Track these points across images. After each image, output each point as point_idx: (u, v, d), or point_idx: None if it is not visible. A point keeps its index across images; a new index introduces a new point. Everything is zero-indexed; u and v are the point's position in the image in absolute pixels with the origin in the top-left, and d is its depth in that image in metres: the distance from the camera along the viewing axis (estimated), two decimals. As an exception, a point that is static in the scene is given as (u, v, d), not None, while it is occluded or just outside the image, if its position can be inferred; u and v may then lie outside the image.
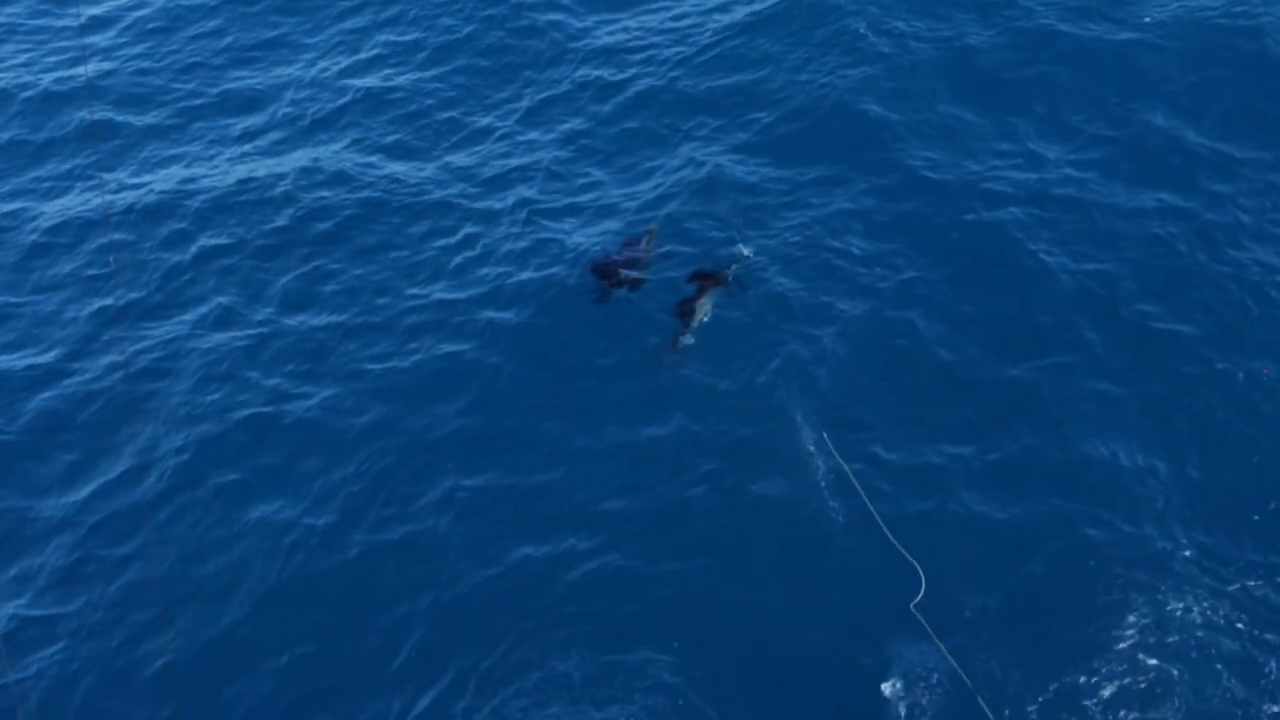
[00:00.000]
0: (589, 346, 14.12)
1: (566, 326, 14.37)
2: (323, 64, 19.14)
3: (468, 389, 13.84)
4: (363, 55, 19.14)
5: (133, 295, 15.44)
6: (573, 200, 16.11)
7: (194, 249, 16.01)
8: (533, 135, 17.19)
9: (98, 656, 11.84)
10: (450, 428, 13.44)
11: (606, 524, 12.44)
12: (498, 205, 16.15)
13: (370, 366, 14.19)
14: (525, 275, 15.04)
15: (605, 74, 17.99)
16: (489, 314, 14.63)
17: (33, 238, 16.57)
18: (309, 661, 11.62)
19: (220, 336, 14.78)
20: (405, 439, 13.38)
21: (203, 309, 15.16)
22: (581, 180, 16.39)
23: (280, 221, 16.27)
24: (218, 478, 13.19)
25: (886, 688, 10.93)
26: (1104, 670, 10.96)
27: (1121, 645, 11.12)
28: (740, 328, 14.10)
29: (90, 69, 19.13)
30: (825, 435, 12.82)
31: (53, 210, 16.99)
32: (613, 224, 15.53)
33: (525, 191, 16.26)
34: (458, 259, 15.44)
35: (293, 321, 14.91)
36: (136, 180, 17.34)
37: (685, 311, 14.12)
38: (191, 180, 17.14)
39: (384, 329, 14.66)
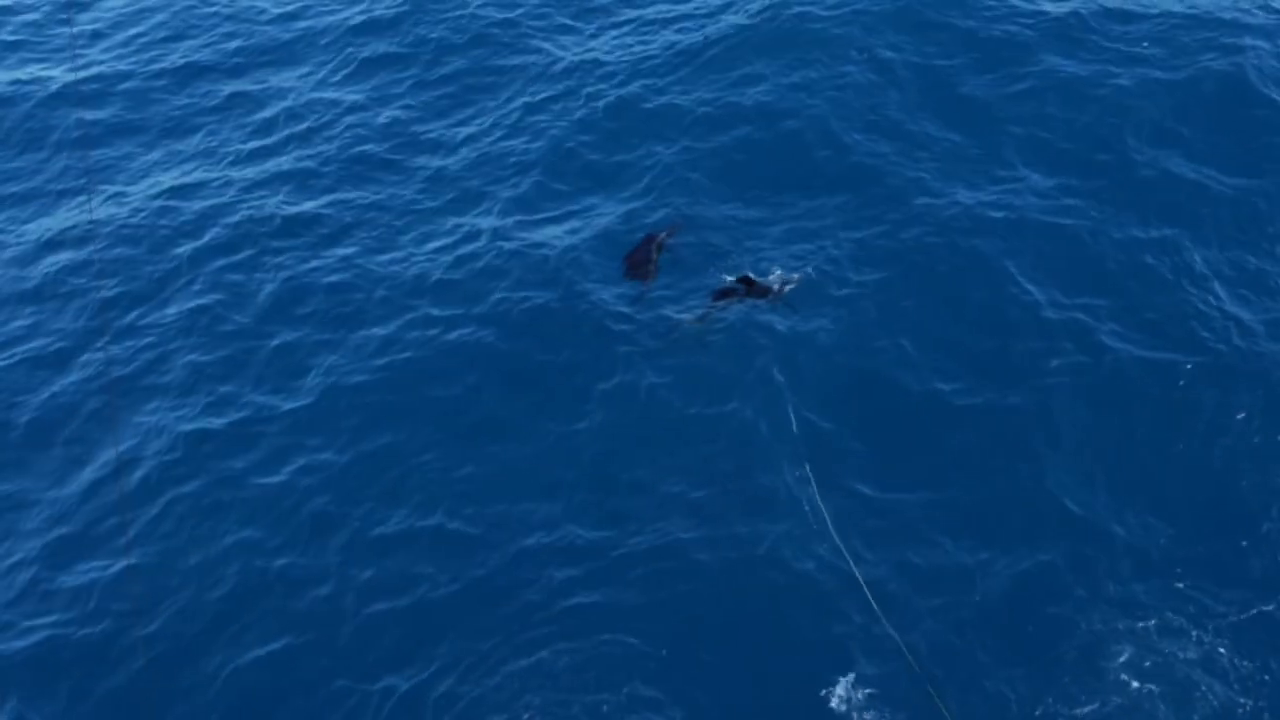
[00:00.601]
0: (572, 363, 14.11)
1: (550, 342, 14.37)
2: (317, 77, 19.29)
3: (449, 403, 13.84)
4: (357, 68, 19.32)
5: (120, 303, 15.49)
6: (560, 213, 16.14)
7: (183, 258, 16.07)
8: (523, 148, 17.23)
9: (81, 651, 11.92)
10: (431, 439, 13.44)
11: (584, 537, 12.43)
12: (485, 219, 16.18)
13: (353, 379, 14.19)
14: (511, 291, 15.05)
15: (596, 89, 18.07)
16: (473, 329, 14.65)
17: (23, 246, 16.59)
18: (291, 653, 11.77)
19: (205, 345, 14.82)
20: (388, 449, 13.39)
21: (189, 318, 15.21)
22: (569, 195, 16.42)
23: (269, 232, 16.35)
24: (201, 480, 13.29)
25: (858, 707, 10.90)
26: (1086, 701, 10.88)
27: (1104, 678, 11.04)
28: (723, 348, 14.08)
29: (86, 80, 19.29)
30: (806, 464, 12.77)
31: (44, 219, 17.03)
32: (600, 240, 15.54)
33: (514, 205, 16.31)
34: (443, 272, 15.45)
35: (277, 332, 14.92)
36: (129, 189, 17.40)
37: (711, 305, 14.23)
38: (183, 190, 17.22)
39: (368, 341, 14.65)
